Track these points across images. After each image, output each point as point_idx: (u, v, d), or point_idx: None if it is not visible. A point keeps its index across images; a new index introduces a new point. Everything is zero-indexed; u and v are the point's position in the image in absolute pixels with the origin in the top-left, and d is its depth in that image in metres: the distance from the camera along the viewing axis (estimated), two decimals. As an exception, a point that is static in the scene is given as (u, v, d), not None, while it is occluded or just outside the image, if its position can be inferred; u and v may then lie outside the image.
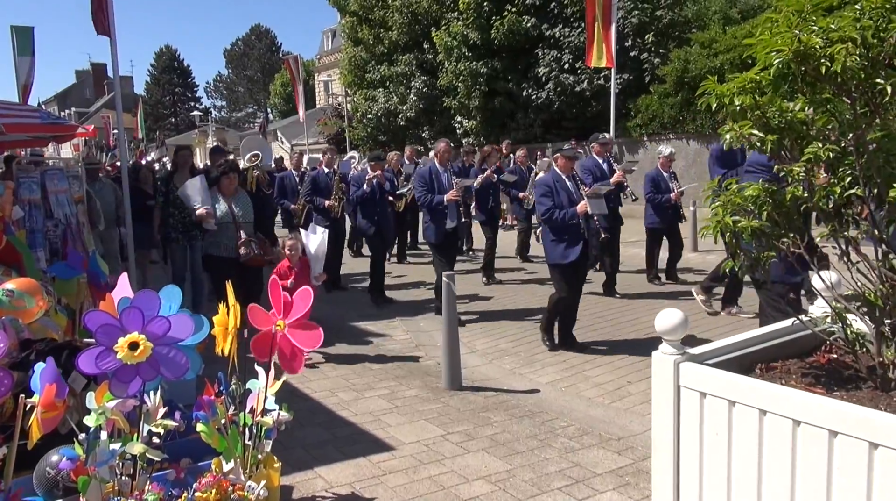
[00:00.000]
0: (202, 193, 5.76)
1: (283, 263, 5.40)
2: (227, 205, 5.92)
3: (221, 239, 5.84)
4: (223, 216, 5.83)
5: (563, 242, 5.39)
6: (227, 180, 5.95)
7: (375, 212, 7.52)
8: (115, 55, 6.13)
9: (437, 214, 6.70)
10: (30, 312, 2.98)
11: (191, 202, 5.77)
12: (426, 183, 6.73)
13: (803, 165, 2.07)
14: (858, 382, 2.20)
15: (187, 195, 5.77)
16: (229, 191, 5.95)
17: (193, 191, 5.75)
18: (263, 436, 2.93)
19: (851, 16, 1.93)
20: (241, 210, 5.94)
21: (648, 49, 15.92)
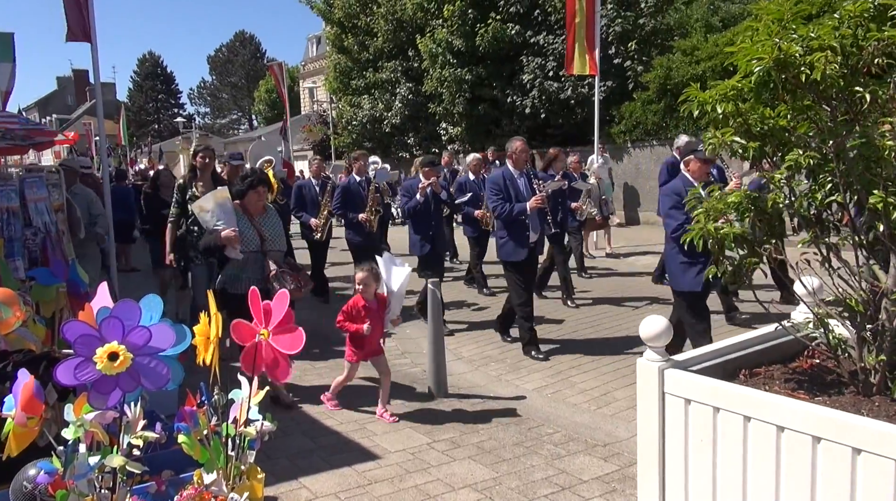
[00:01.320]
0: (224, 209, 4.41)
1: (354, 301, 4.31)
2: (254, 228, 4.52)
3: (244, 271, 4.48)
4: (248, 243, 4.48)
5: None
6: (256, 196, 4.52)
7: (430, 226, 6.48)
8: (96, 61, 6.06)
9: (516, 226, 5.47)
10: (6, 322, 2.92)
11: (209, 220, 4.41)
12: (501, 190, 5.45)
13: (784, 172, 2.08)
14: (840, 387, 2.22)
15: (205, 210, 4.42)
16: (257, 209, 4.57)
17: (212, 205, 4.39)
18: (246, 447, 2.89)
19: (831, 24, 1.96)
20: (270, 234, 4.60)
21: (631, 56, 16.07)
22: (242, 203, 4.52)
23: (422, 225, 6.49)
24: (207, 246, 4.45)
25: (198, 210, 4.46)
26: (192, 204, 4.51)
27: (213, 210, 4.36)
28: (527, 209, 5.38)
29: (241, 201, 4.52)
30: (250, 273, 4.45)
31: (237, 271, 4.48)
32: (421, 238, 6.50)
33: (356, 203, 7.11)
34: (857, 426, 1.77)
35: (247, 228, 4.49)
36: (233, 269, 4.49)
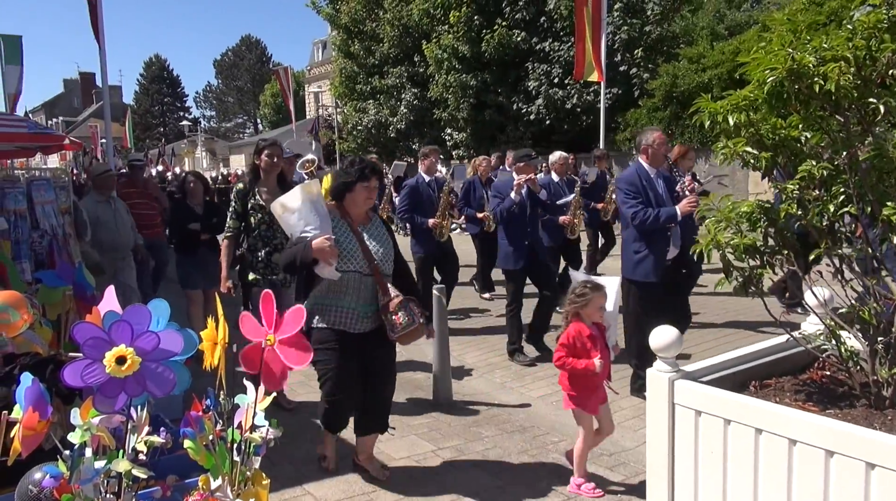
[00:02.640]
0: (316, 209, 3.23)
1: (576, 329, 3.25)
2: (356, 239, 3.32)
3: (346, 299, 3.29)
4: (349, 258, 3.27)
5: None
6: (365, 193, 3.35)
7: (525, 233, 5.38)
8: (104, 64, 6.10)
9: (658, 238, 4.45)
10: (14, 325, 2.92)
11: (294, 225, 3.24)
12: (638, 192, 4.43)
13: (797, 183, 2.07)
14: (852, 400, 2.20)
15: (289, 210, 3.24)
16: (361, 214, 3.41)
17: (299, 203, 3.22)
18: (252, 453, 2.88)
19: (844, 35, 1.95)
20: (380, 249, 3.39)
21: (637, 64, 16.10)
22: (342, 204, 3.34)
23: (516, 232, 5.37)
24: (290, 261, 3.16)
25: (279, 210, 3.23)
26: (273, 203, 3.26)
27: (301, 210, 3.16)
28: (678, 215, 4.36)
29: (339, 200, 3.35)
30: (353, 302, 3.24)
31: (331, 299, 3.25)
32: (515, 250, 5.38)
33: (424, 207, 6.21)
34: (871, 440, 1.75)
35: (347, 238, 3.26)
36: (325, 296, 3.24)
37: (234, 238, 4.56)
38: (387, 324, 3.25)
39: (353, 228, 3.32)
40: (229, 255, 4.62)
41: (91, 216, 5.54)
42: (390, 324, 3.23)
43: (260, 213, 4.47)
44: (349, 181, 3.32)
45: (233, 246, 4.59)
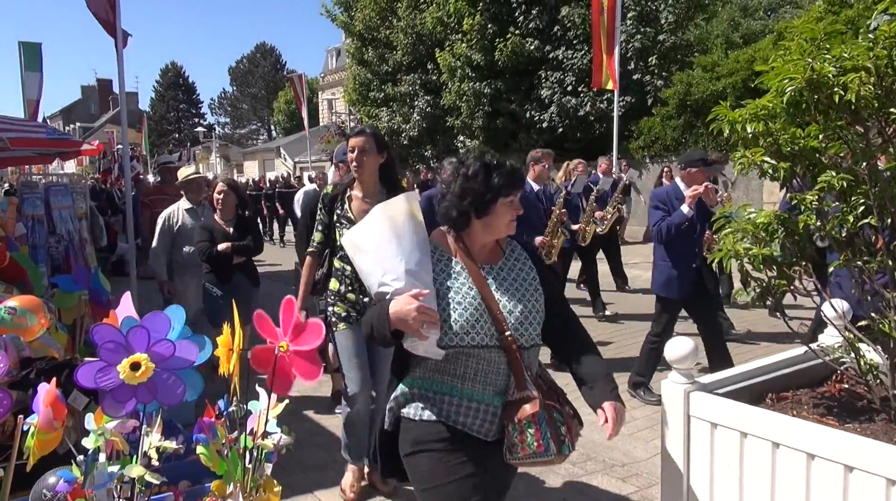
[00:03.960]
0: (403, 248, 1.96)
1: None
2: (480, 293, 1.98)
3: (466, 386, 1.98)
4: (467, 325, 1.94)
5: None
6: (508, 215, 2.02)
7: (693, 255, 4.58)
8: (121, 71, 6.14)
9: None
10: (31, 330, 2.95)
11: (371, 271, 2.00)
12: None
13: (816, 194, 2.05)
14: (872, 414, 2.16)
15: (362, 249, 2.02)
16: (487, 250, 2.09)
17: (380, 236, 1.97)
18: (263, 459, 2.88)
19: (865, 45, 1.93)
20: (517, 306, 2.01)
21: (651, 72, 16.05)
22: (460, 234, 2.04)
23: (683, 253, 4.54)
24: (367, 332, 2.02)
25: (351, 248, 2.06)
26: (343, 238, 2.17)
27: (378, 250, 1.97)
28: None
29: (457, 229, 2.03)
30: (478, 390, 1.97)
31: (442, 385, 2.00)
32: (679, 275, 4.57)
33: (532, 221, 5.10)
34: (891, 455, 1.72)
35: (462, 290, 1.99)
36: (431, 378, 2.01)
37: (318, 255, 3.52)
38: (506, 438, 1.94)
39: (472, 272, 1.98)
40: (310, 276, 3.55)
41: (181, 227, 5.03)
42: (510, 443, 1.93)
43: (348, 227, 3.22)
44: (482, 195, 1.94)
45: (316, 266, 3.55)
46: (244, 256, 4.82)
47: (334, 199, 3.44)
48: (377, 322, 1.94)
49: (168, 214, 5.19)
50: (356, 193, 3.39)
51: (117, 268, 10.18)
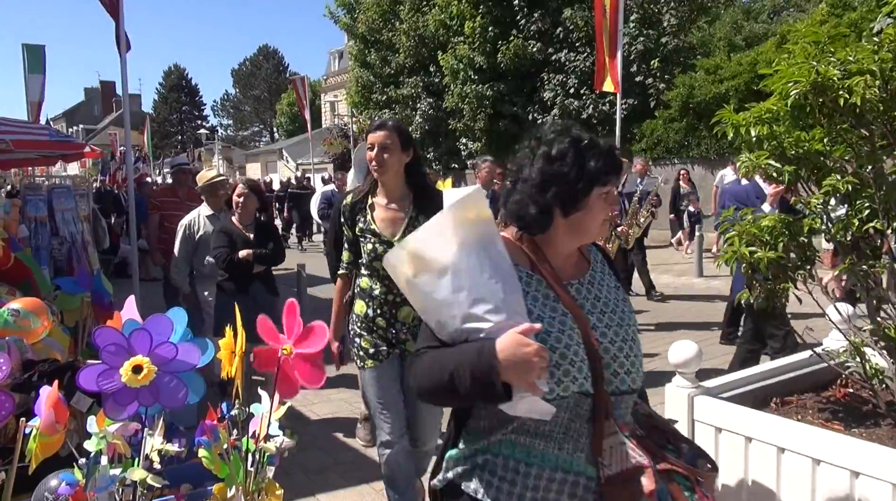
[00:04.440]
0: (494, 264, 1.36)
1: None
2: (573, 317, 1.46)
3: (549, 451, 1.41)
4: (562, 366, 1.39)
5: None
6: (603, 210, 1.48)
7: None
8: (124, 73, 6.15)
9: None
10: (35, 332, 2.95)
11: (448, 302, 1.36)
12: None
13: (821, 197, 2.04)
14: (877, 418, 2.15)
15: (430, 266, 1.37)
16: (572, 259, 1.56)
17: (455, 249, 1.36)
18: (266, 462, 2.87)
19: (870, 48, 1.92)
20: (618, 331, 1.49)
21: (654, 75, 16.04)
22: (532, 240, 1.52)
23: None
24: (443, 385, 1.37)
25: (411, 266, 1.41)
26: (389, 254, 1.44)
27: (460, 265, 1.36)
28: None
29: (531, 230, 1.51)
30: (563, 456, 1.42)
31: (515, 451, 1.44)
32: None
33: None
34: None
35: (552, 316, 1.44)
36: (499, 443, 1.45)
37: (349, 278, 2.98)
38: None
39: (560, 293, 1.47)
40: (341, 301, 3.01)
41: (203, 235, 4.73)
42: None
43: (373, 241, 2.77)
44: (573, 183, 1.44)
45: (347, 289, 2.99)
46: (265, 265, 4.38)
47: (355, 209, 2.84)
48: (476, 368, 1.29)
49: (189, 221, 4.85)
50: (378, 199, 2.79)
51: (119, 270, 10.21)
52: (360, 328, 2.82)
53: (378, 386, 2.78)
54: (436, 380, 1.38)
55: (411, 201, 2.78)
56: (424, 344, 1.47)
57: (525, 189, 1.47)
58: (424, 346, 1.46)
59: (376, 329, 2.78)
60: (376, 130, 2.75)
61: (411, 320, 2.71)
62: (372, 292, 2.77)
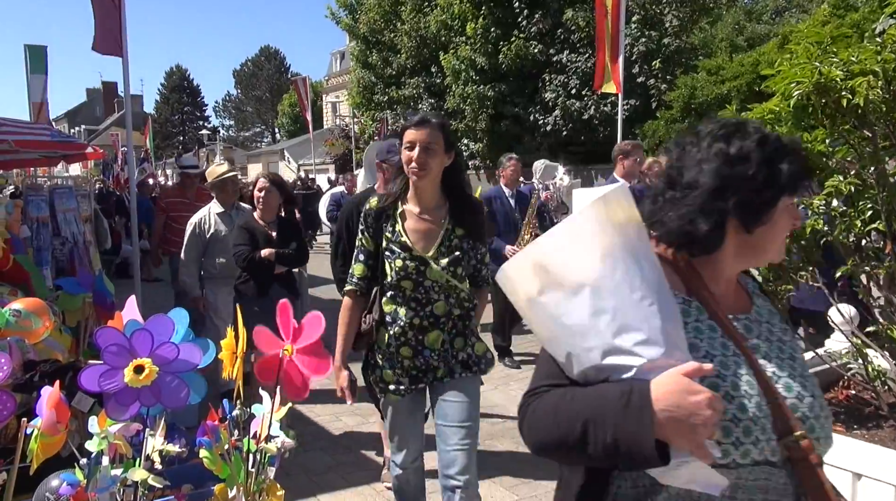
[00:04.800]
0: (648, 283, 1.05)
1: None
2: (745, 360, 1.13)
3: None
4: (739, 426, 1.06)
5: None
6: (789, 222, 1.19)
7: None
8: (126, 74, 6.15)
9: None
10: (36, 332, 2.95)
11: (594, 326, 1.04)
12: None
13: (823, 198, 2.04)
14: (879, 420, 2.15)
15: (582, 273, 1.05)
16: (731, 286, 1.24)
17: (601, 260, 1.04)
18: (267, 463, 2.87)
19: (873, 48, 1.92)
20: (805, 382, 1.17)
21: (655, 75, 16.04)
22: (690, 261, 1.20)
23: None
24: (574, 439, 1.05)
25: (535, 280, 1.09)
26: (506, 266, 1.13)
27: (615, 282, 1.04)
28: None
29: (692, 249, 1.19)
30: None
31: None
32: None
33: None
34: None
35: (725, 360, 1.12)
36: None
37: (359, 295, 2.53)
38: None
39: (726, 324, 1.18)
40: (350, 323, 2.51)
41: (214, 234, 4.51)
42: None
43: (403, 256, 2.37)
44: (759, 191, 1.14)
45: (357, 310, 2.52)
46: (288, 266, 4.10)
47: (382, 217, 2.40)
48: (610, 427, 1.00)
49: (198, 219, 4.60)
50: (410, 207, 2.38)
51: (121, 271, 10.22)
52: (382, 359, 2.46)
53: (396, 419, 2.57)
54: (562, 433, 1.06)
55: (447, 211, 2.40)
56: (545, 382, 1.14)
57: (691, 199, 1.14)
58: (545, 384, 1.13)
59: (400, 361, 2.41)
60: (418, 126, 2.29)
61: (440, 345, 2.39)
62: (396, 317, 2.38)
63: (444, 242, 2.38)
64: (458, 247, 2.40)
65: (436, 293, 2.37)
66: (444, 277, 2.36)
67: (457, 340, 2.45)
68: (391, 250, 2.39)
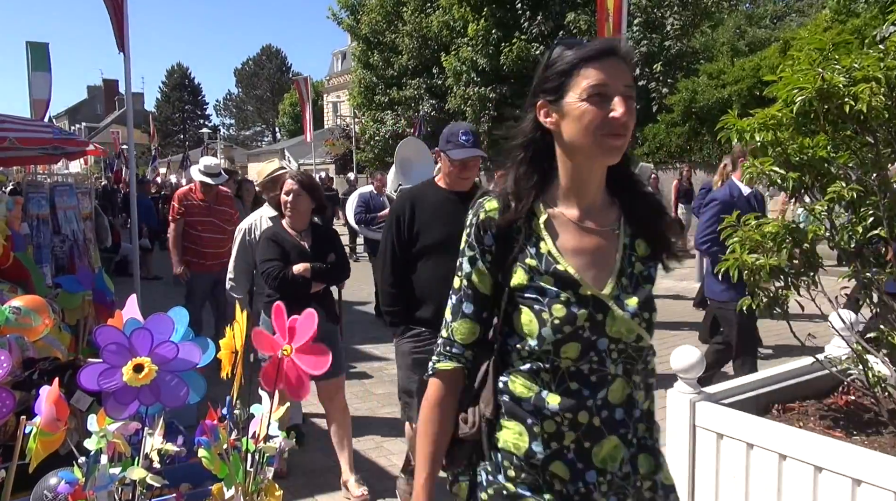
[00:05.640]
0: None
1: None
2: None
3: None
4: None
5: None
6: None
7: None
8: (127, 71, 6.15)
9: None
10: (36, 330, 2.95)
11: None
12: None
13: (825, 204, 2.04)
14: (879, 426, 2.15)
15: None
16: None
17: None
18: (265, 463, 2.87)
19: (876, 55, 1.92)
20: None
21: (657, 78, 16.04)
22: None
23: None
24: None
25: None
26: None
27: None
28: None
29: None
30: None
31: None
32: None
33: None
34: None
35: None
36: None
37: (460, 378, 1.43)
38: None
39: None
40: (443, 434, 1.42)
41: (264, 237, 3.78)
42: None
43: (563, 297, 1.31)
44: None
45: (455, 403, 1.42)
46: (327, 282, 3.51)
47: (511, 230, 1.37)
48: None
49: (248, 226, 4.05)
50: (563, 210, 1.38)
51: (120, 268, 10.22)
52: (515, 473, 1.33)
53: None
54: None
55: (619, 213, 1.41)
56: None
57: None
58: None
59: (548, 480, 1.31)
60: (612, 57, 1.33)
61: (620, 464, 1.31)
62: (544, 408, 1.31)
63: (623, 268, 1.37)
64: (647, 277, 1.42)
65: (613, 364, 1.33)
66: (634, 330, 1.34)
67: (642, 457, 1.37)
68: (539, 289, 1.32)
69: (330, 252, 3.49)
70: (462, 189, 2.95)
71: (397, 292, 2.94)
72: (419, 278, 2.89)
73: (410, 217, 2.89)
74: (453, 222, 2.11)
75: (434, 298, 2.80)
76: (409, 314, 2.95)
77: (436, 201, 2.93)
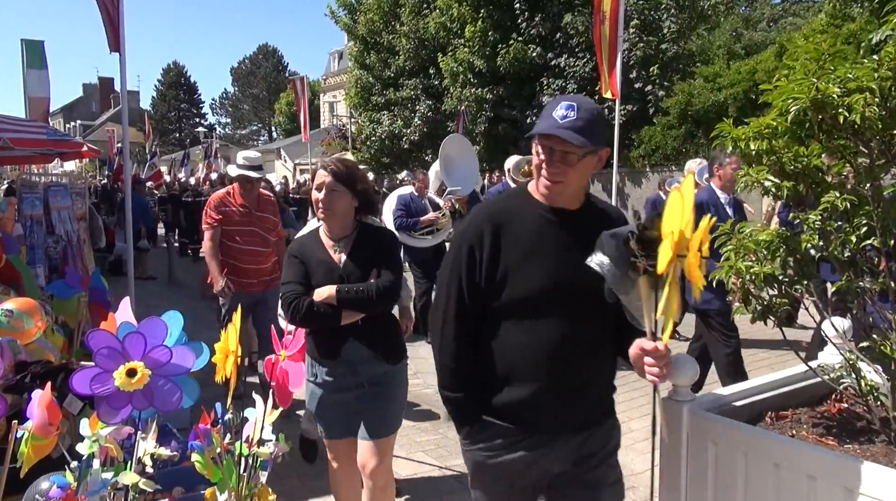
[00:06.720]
0: None
1: None
2: None
3: None
4: None
5: None
6: None
7: None
8: (123, 71, 6.11)
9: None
10: (28, 332, 2.93)
11: None
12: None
13: (819, 214, 2.05)
14: (871, 435, 2.15)
15: None
16: None
17: None
18: (259, 467, 2.86)
19: (870, 66, 1.93)
20: None
21: (653, 81, 16.09)
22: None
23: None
24: None
25: None
26: None
27: None
28: None
29: None
30: None
31: None
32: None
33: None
34: (893, 479, 1.70)
35: None
36: None
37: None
38: None
39: None
40: None
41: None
42: None
43: None
44: None
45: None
46: (364, 311, 2.61)
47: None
48: None
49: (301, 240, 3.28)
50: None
51: (114, 268, 10.19)
52: None
53: None
54: None
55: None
56: None
57: None
58: None
59: None
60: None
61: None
62: None
63: None
64: None
65: None
66: None
67: None
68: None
69: (375, 267, 2.57)
70: (563, 205, 1.87)
71: (467, 369, 1.89)
72: (503, 344, 1.84)
73: (493, 251, 1.82)
74: (557, 258, 1.66)
75: (528, 376, 1.81)
76: (484, 399, 1.90)
77: (532, 224, 1.85)
